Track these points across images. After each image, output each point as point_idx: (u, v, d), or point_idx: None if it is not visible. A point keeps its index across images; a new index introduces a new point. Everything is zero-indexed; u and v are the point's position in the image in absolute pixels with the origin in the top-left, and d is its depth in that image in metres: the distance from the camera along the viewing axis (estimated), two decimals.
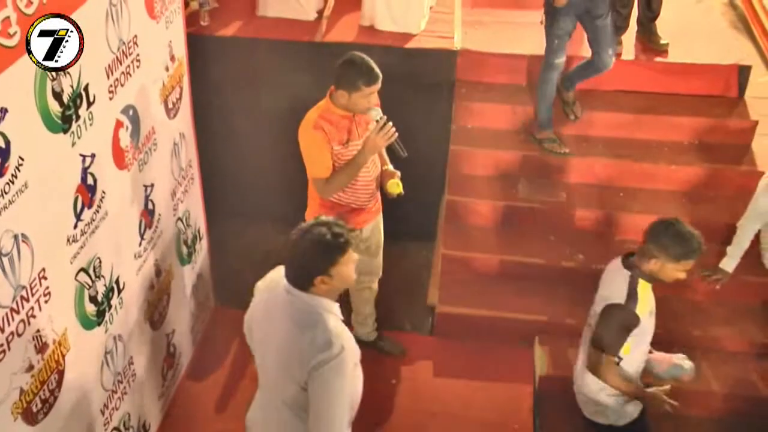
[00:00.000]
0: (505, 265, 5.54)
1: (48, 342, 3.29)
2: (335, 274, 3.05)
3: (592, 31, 5.46)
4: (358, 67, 4.09)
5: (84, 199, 3.49)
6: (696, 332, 5.20)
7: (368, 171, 4.39)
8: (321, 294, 3.08)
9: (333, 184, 4.30)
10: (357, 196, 4.45)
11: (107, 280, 3.79)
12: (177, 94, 4.52)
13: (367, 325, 5.18)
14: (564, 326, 5.23)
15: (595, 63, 5.56)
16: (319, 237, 3.01)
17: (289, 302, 3.10)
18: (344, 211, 4.43)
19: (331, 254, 3.02)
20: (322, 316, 3.06)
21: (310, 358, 2.97)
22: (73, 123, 3.33)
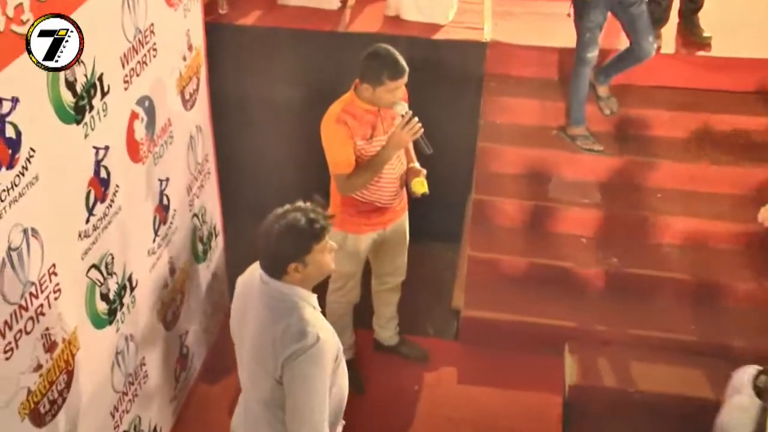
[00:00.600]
0: (533, 267, 5.53)
1: (57, 341, 3.30)
2: (310, 262, 3.06)
3: (627, 20, 5.43)
4: (383, 60, 4.09)
5: (97, 192, 3.51)
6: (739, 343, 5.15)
7: (393, 168, 4.38)
8: (296, 283, 3.09)
9: (355, 180, 4.30)
10: (381, 194, 4.44)
11: (119, 277, 3.80)
12: (194, 85, 4.53)
13: (389, 329, 5.19)
14: (595, 333, 5.22)
15: (635, 52, 5.51)
16: (293, 222, 3.03)
17: (264, 291, 3.12)
18: (368, 210, 4.46)
19: (306, 241, 3.04)
20: (297, 305, 3.07)
21: (283, 348, 2.98)
22: (87, 114, 3.34)
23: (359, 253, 4.64)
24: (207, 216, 4.94)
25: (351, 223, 4.50)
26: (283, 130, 5.89)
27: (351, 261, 4.64)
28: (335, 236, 4.50)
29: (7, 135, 2.82)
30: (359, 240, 4.57)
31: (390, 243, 4.74)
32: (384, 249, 4.77)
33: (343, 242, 4.54)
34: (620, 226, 5.62)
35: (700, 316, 5.26)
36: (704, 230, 5.54)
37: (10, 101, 2.80)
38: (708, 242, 5.54)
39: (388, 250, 4.77)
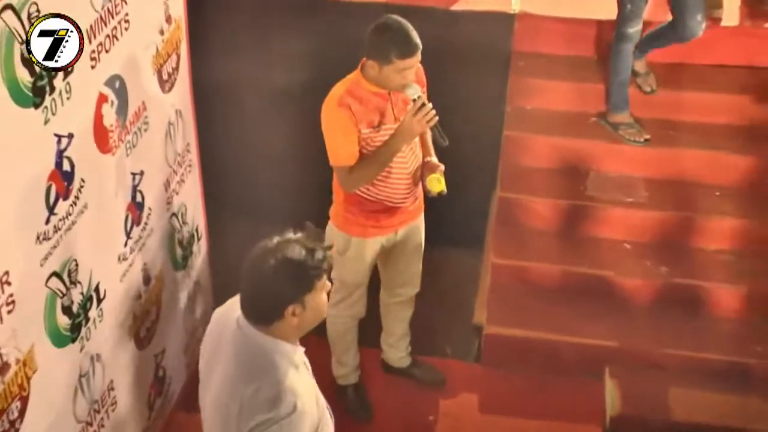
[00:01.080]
0: (568, 277, 5.56)
1: (10, 361, 3.28)
2: (309, 304, 2.96)
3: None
4: (393, 35, 4.07)
5: (58, 188, 3.49)
6: None
7: (405, 161, 4.37)
8: (284, 333, 2.99)
9: (359, 174, 4.30)
10: (391, 192, 4.43)
11: (84, 287, 3.79)
12: (173, 63, 4.54)
13: (400, 349, 5.21)
14: (641, 355, 5.24)
15: (678, 30, 5.54)
16: (292, 255, 2.93)
17: (239, 341, 3.01)
18: (376, 210, 4.46)
19: (308, 277, 2.94)
20: (275, 364, 2.96)
21: (251, 415, 2.89)
22: (47, 96, 3.32)
23: (365, 260, 4.64)
24: (188, 216, 4.95)
25: (356, 225, 4.51)
26: (277, 116, 5.94)
27: (355, 269, 4.66)
28: (337, 239, 4.54)
29: None
30: (365, 245, 4.57)
31: (402, 249, 4.74)
32: (395, 256, 4.77)
33: (346, 247, 4.58)
34: (670, 229, 5.64)
35: (765, 337, 5.26)
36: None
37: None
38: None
39: (400, 256, 4.77)
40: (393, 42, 4.05)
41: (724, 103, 5.88)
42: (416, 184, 4.53)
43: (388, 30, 4.08)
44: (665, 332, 5.28)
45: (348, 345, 4.99)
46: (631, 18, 5.45)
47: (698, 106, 5.90)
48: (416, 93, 4.13)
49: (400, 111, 4.25)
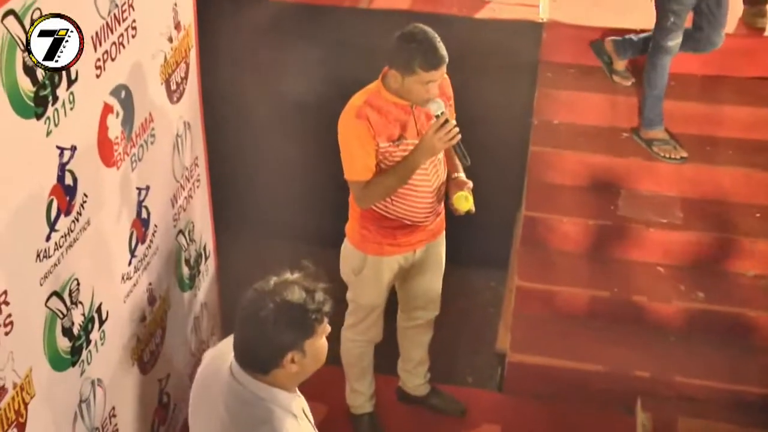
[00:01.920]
0: (597, 302, 5.56)
1: (7, 386, 3.28)
2: (309, 350, 2.91)
3: (711, 5, 5.45)
4: (418, 45, 4.04)
5: (60, 203, 3.50)
6: None
7: (428, 178, 4.36)
8: (281, 382, 2.95)
9: (374, 190, 4.30)
10: (411, 210, 4.43)
11: (86, 307, 3.79)
12: (182, 73, 4.55)
13: (418, 376, 5.21)
14: (675, 386, 5.24)
15: (699, 42, 5.59)
16: (291, 299, 2.87)
17: (231, 390, 2.97)
18: (393, 227, 4.46)
19: (310, 322, 2.88)
20: (273, 415, 2.91)
21: None
22: (50, 106, 3.33)
23: (381, 280, 4.64)
24: (195, 233, 4.96)
25: (372, 242, 4.52)
26: (291, 129, 5.95)
27: (371, 289, 4.66)
28: (353, 258, 4.57)
29: None
30: (381, 263, 4.57)
31: (421, 269, 4.74)
32: (413, 276, 4.77)
33: (361, 266, 4.59)
34: (707, 252, 5.64)
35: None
36: None
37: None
38: None
39: (419, 277, 4.77)
40: (418, 52, 4.04)
41: (765, 118, 5.87)
42: (439, 202, 4.53)
43: (414, 39, 4.06)
44: (701, 362, 5.26)
45: (363, 371, 4.98)
46: (673, 30, 5.45)
47: (738, 121, 5.90)
48: (439, 109, 4.11)
49: (423, 125, 4.23)
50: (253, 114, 6.08)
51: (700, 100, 5.95)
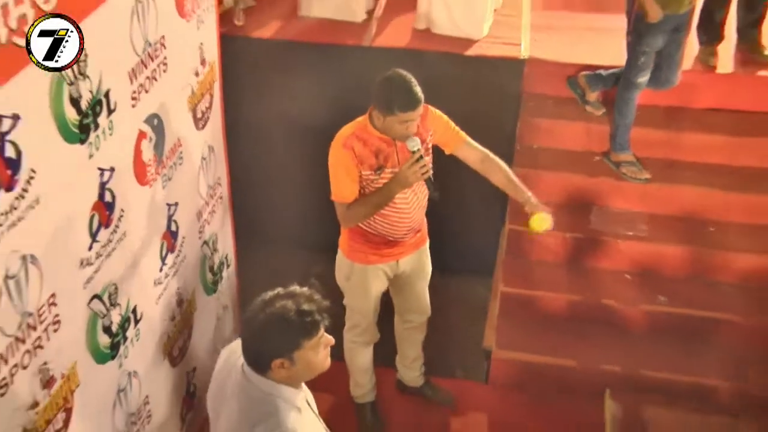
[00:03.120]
0: (573, 305, 5.57)
1: (56, 376, 3.31)
2: (298, 360, 2.87)
3: (672, 48, 5.47)
4: (396, 89, 4.03)
5: (101, 217, 3.51)
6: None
7: (407, 202, 4.34)
8: (281, 380, 2.93)
9: (355, 212, 4.28)
10: (392, 229, 4.43)
11: (123, 308, 3.80)
12: (207, 103, 4.56)
13: (414, 369, 5.22)
14: (640, 379, 5.23)
15: (659, 80, 5.58)
16: (281, 313, 2.83)
17: (242, 385, 2.98)
18: (377, 242, 4.46)
19: (295, 336, 2.85)
20: (278, 409, 2.89)
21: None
22: (92, 133, 3.35)
23: (368, 287, 4.63)
24: (218, 244, 4.95)
25: (359, 252, 4.52)
26: (303, 153, 5.89)
27: (360, 295, 4.67)
28: (343, 266, 4.58)
29: (7, 155, 2.83)
30: (367, 271, 4.57)
31: (408, 278, 4.75)
32: (401, 284, 4.78)
33: (350, 273, 4.60)
34: (669, 261, 5.64)
35: (760, 364, 5.25)
36: (760, 267, 5.55)
37: (11, 118, 2.82)
38: (763, 280, 5.53)
39: (407, 285, 4.78)
40: (396, 95, 4.02)
41: (719, 144, 5.88)
42: (419, 222, 4.52)
43: (392, 84, 4.04)
44: (663, 357, 5.27)
45: (364, 367, 4.98)
46: (642, 69, 5.45)
47: (695, 147, 5.90)
48: (416, 146, 4.09)
49: (404, 157, 4.18)
50: (269, 139, 6.07)
51: (662, 128, 5.94)
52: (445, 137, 4.39)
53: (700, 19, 5.98)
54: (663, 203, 5.80)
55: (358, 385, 5.07)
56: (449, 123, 4.43)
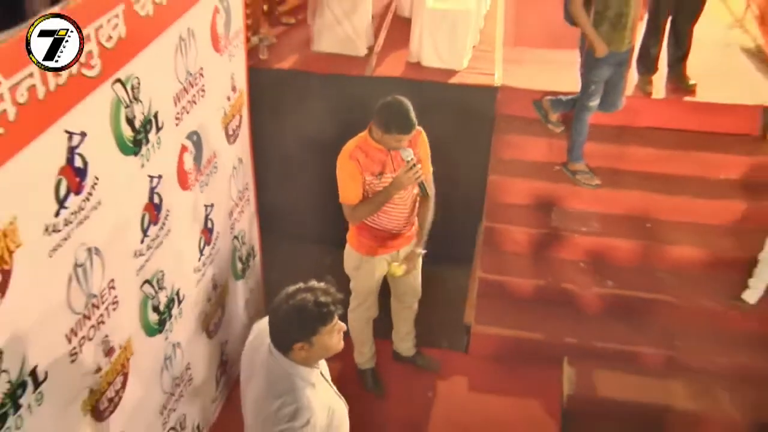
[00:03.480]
0: (538, 289, 5.55)
1: (115, 347, 3.35)
2: (316, 343, 2.88)
3: (616, 79, 5.47)
4: (395, 114, 4.03)
5: (151, 216, 3.54)
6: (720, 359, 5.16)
7: (404, 200, 4.34)
8: (299, 360, 2.92)
9: (359, 212, 4.29)
10: (393, 223, 4.42)
11: (169, 291, 3.83)
12: (237, 122, 4.56)
13: (407, 341, 5.20)
14: (592, 348, 5.23)
15: (606, 105, 5.56)
16: (301, 304, 2.83)
17: (268, 363, 2.97)
18: (383, 236, 4.45)
19: (312, 324, 2.85)
20: (296, 385, 2.90)
21: (276, 424, 2.86)
22: (143, 146, 3.38)
23: (373, 274, 4.62)
24: (246, 238, 4.95)
25: (367, 246, 4.51)
26: (316, 163, 5.87)
27: (367, 281, 4.65)
28: (352, 258, 4.56)
29: (76, 165, 2.87)
30: (373, 261, 4.56)
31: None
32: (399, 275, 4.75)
33: (358, 263, 4.58)
34: (615, 252, 5.64)
35: (684, 335, 5.27)
36: (688, 256, 5.56)
37: (80, 135, 2.86)
38: (691, 267, 5.55)
39: (403, 276, 4.71)
40: (394, 119, 4.02)
41: (655, 156, 5.89)
42: (412, 216, 4.48)
43: (392, 109, 4.04)
44: (611, 331, 5.28)
45: (365, 340, 4.97)
46: (593, 95, 5.44)
47: (636, 158, 5.91)
48: (409, 156, 4.10)
49: (397, 165, 4.19)
50: (288, 151, 6.05)
51: (610, 142, 5.93)
52: (422, 160, 4.35)
53: (638, 54, 5.99)
54: (610, 204, 5.79)
55: (361, 354, 5.06)
56: (428, 153, 4.41)
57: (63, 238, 2.87)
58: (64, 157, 2.82)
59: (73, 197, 2.89)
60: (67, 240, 2.90)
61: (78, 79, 2.79)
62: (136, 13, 3.15)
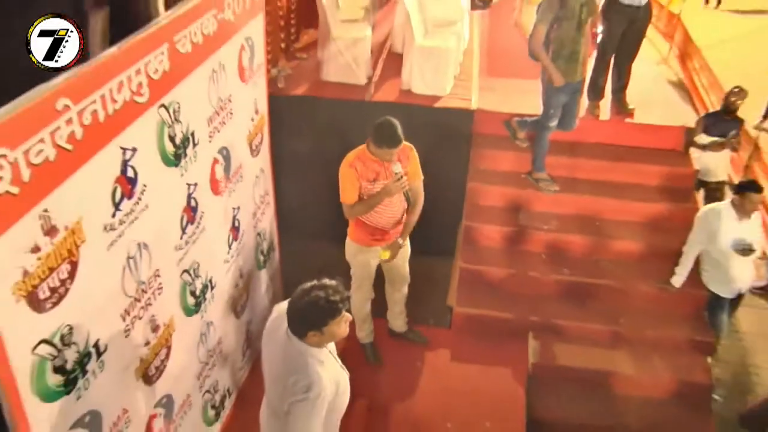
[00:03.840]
0: (508, 276, 5.55)
1: (160, 324, 3.37)
2: (326, 332, 2.90)
3: (571, 103, 5.48)
4: (386, 132, 4.06)
5: (188, 217, 3.56)
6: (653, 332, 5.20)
7: (393, 204, 4.36)
8: (312, 344, 2.93)
9: (355, 210, 4.31)
10: (383, 221, 4.43)
11: (203, 279, 3.84)
12: (259, 139, 4.57)
13: (400, 320, 5.19)
14: (552, 325, 5.25)
15: (565, 125, 5.56)
16: (315, 301, 2.84)
17: (285, 344, 2.98)
18: (374, 230, 4.46)
19: (324, 317, 2.87)
20: (308, 363, 2.92)
21: (292, 396, 2.89)
22: (182, 159, 3.40)
23: (368, 261, 4.62)
24: (266, 235, 4.94)
25: (362, 238, 4.51)
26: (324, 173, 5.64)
27: (364, 267, 4.65)
28: (351, 247, 4.56)
29: (129, 174, 2.90)
30: (368, 251, 4.57)
31: (396, 260, 4.70)
32: (391, 265, 4.76)
33: (356, 252, 4.59)
34: (571, 245, 5.66)
35: (625, 313, 5.31)
36: (628, 249, 5.59)
37: (131, 150, 2.89)
38: (630, 258, 5.59)
39: (394, 263, 4.74)
40: (385, 135, 4.06)
41: (602, 167, 5.94)
42: (401, 217, 4.47)
43: (383, 128, 4.07)
44: (567, 310, 5.30)
45: (365, 317, 4.96)
46: (551, 117, 5.46)
47: (588, 168, 5.94)
48: (398, 169, 4.16)
49: (389, 174, 4.22)
50: (301, 162, 6.03)
51: (566, 155, 5.96)
52: (412, 171, 4.38)
53: (588, 84, 6.00)
54: (566, 206, 5.81)
55: (362, 329, 5.04)
56: (418, 166, 4.43)
57: (118, 235, 2.90)
58: (119, 168, 2.84)
59: (126, 201, 2.92)
60: (121, 237, 2.92)
61: (130, 105, 2.82)
62: (177, 51, 3.18)
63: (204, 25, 3.43)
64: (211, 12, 3.50)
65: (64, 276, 2.57)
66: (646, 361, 4.99)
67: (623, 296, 5.39)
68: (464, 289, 5.52)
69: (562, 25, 5.14)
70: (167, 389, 3.53)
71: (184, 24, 3.23)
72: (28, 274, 2.38)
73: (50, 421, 2.62)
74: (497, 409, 4.69)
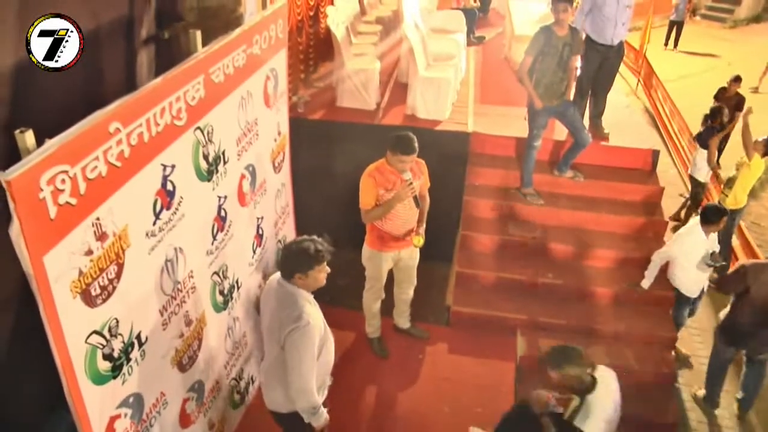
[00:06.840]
0: (499, 279, 5.53)
1: (192, 319, 3.40)
2: (310, 276, 3.07)
3: (569, 123, 5.50)
4: (402, 142, 4.11)
5: (218, 225, 3.59)
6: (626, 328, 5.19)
7: (405, 211, 4.36)
8: (299, 286, 3.09)
9: (371, 214, 4.32)
10: (396, 228, 4.44)
11: (231, 280, 3.86)
12: (281, 157, 4.60)
13: (404, 317, 5.19)
14: (538, 322, 5.23)
15: (579, 143, 5.59)
16: (305, 247, 3.04)
17: (277, 289, 3.14)
18: (388, 237, 4.46)
19: (310, 262, 3.04)
20: (298, 300, 3.07)
21: (286, 326, 3.00)
22: (214, 175, 3.44)
23: (381, 264, 4.61)
24: (286, 241, 4.77)
25: (376, 244, 4.52)
26: (338, 186, 5.74)
27: (376, 269, 4.64)
28: (367, 252, 4.54)
29: (168, 188, 2.94)
30: (381, 255, 4.57)
31: (404, 263, 4.73)
32: (400, 266, 4.76)
33: (371, 256, 4.58)
34: (554, 252, 5.65)
35: (601, 312, 5.30)
36: (604, 256, 5.58)
37: (170, 167, 2.93)
38: (606, 264, 5.58)
39: (403, 267, 4.75)
40: (402, 144, 4.10)
41: (581, 184, 5.92)
42: (411, 225, 4.47)
43: (401, 138, 4.13)
44: (550, 310, 5.27)
45: (374, 315, 4.95)
46: (536, 138, 5.49)
47: (568, 185, 5.93)
48: (408, 177, 4.17)
49: (402, 184, 4.23)
50: (319, 178, 6.00)
51: (550, 173, 5.96)
52: (424, 180, 4.44)
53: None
54: (550, 218, 5.80)
55: (371, 325, 5.04)
56: (427, 177, 4.49)
57: (158, 240, 2.94)
58: (160, 182, 2.88)
59: (164, 211, 2.96)
60: (161, 242, 2.96)
61: (171, 127, 2.86)
62: (212, 81, 3.22)
63: (235, 59, 3.48)
64: (241, 48, 3.55)
65: (112, 276, 2.61)
66: (618, 353, 4.99)
67: (599, 297, 5.38)
68: (461, 290, 5.50)
69: (546, 59, 5.22)
70: (198, 376, 3.56)
71: (218, 58, 3.28)
72: (83, 274, 2.43)
73: (101, 401, 2.66)
74: (489, 396, 4.68)
